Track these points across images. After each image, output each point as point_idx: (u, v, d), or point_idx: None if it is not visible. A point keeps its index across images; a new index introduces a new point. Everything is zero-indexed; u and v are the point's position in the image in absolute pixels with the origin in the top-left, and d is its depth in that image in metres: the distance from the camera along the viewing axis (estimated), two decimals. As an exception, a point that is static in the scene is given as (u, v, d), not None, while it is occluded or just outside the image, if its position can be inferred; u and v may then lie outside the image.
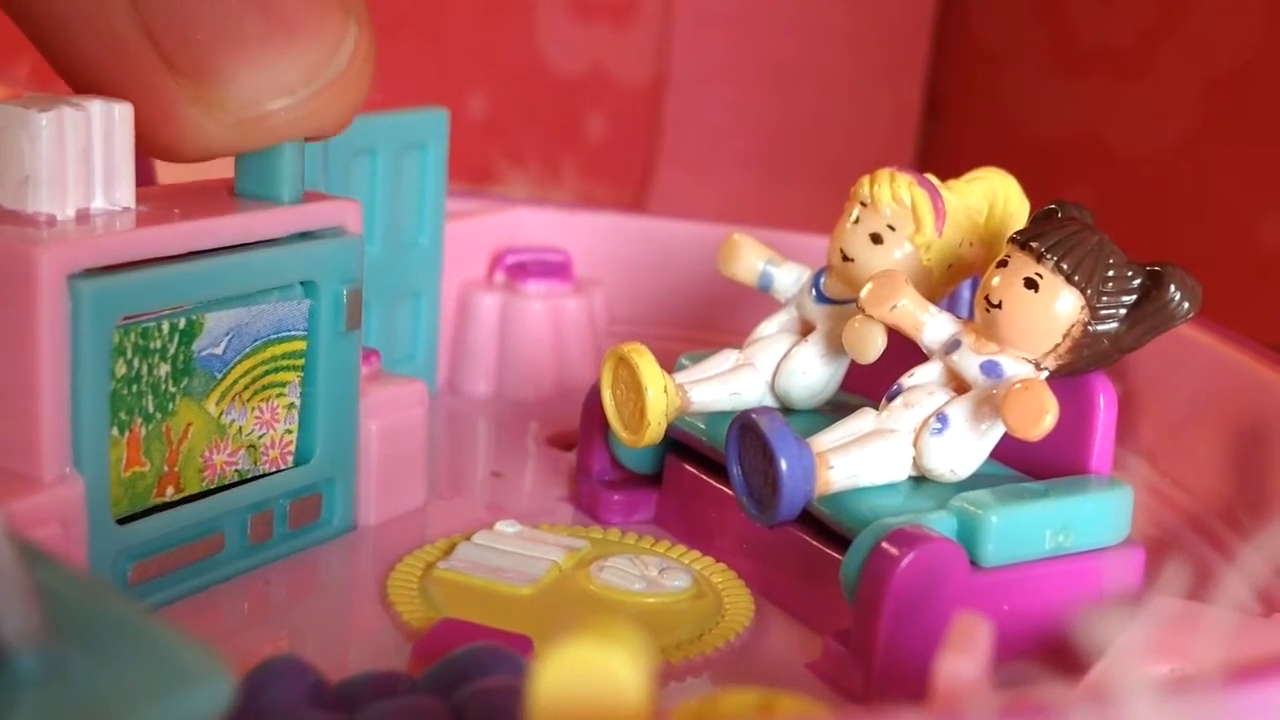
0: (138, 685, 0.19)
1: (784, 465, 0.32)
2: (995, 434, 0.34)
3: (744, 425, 0.34)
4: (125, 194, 0.32)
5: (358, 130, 0.42)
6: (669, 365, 0.38)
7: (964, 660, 0.23)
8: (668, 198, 0.95)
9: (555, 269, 0.50)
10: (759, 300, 0.40)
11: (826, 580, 0.33)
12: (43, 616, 0.20)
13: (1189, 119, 0.83)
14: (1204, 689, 0.21)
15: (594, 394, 0.39)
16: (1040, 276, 0.33)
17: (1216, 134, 0.82)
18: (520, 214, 0.52)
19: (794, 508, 0.33)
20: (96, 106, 0.31)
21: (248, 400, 0.34)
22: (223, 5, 0.32)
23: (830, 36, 0.95)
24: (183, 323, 0.32)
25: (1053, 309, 0.33)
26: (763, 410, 0.34)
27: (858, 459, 0.33)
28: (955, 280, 0.38)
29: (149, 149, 0.33)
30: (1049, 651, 0.32)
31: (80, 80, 0.32)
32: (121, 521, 0.31)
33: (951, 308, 0.37)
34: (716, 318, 0.51)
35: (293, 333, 0.35)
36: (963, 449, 0.33)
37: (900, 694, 0.31)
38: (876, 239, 0.36)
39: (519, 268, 0.50)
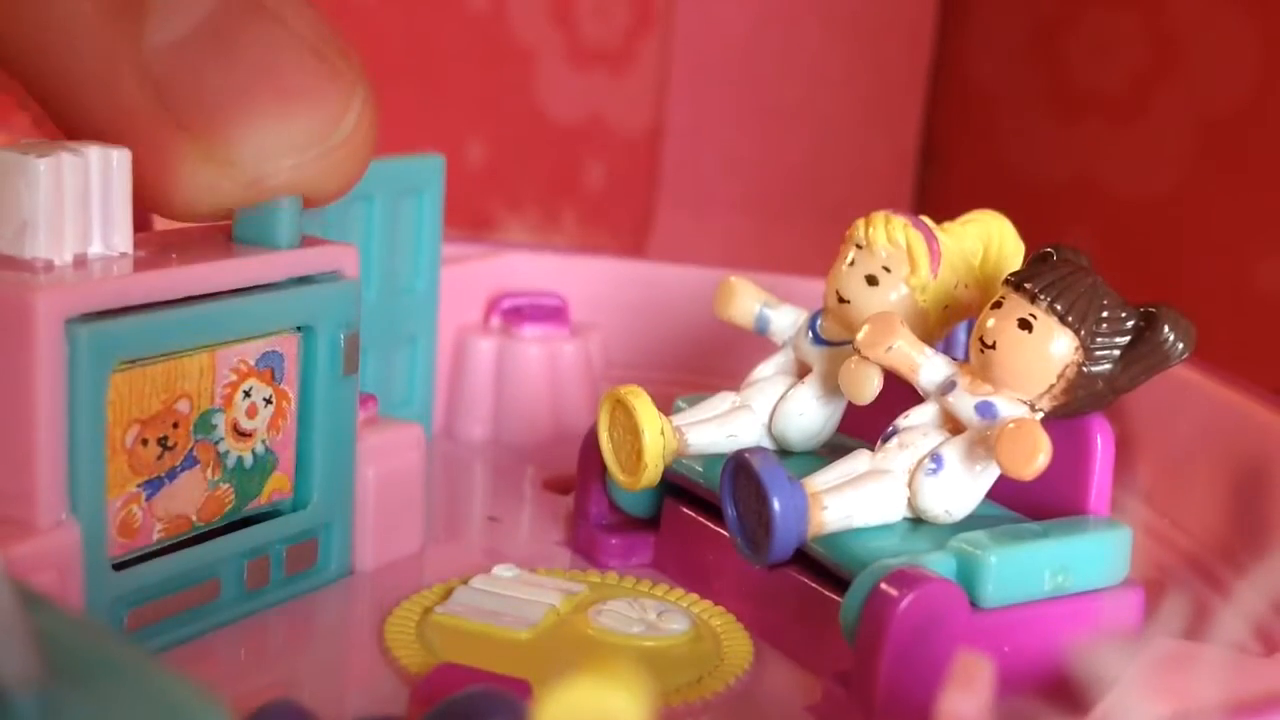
0: (133, 727, 0.19)
1: (776, 505, 0.32)
2: (990, 475, 0.34)
3: (737, 465, 0.34)
4: (123, 239, 0.32)
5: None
6: (666, 409, 0.38)
7: (967, 697, 0.23)
8: (667, 244, 0.95)
9: (551, 313, 0.50)
10: (755, 344, 0.40)
11: (826, 622, 0.33)
12: (40, 658, 0.20)
13: (1185, 162, 0.83)
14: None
15: (591, 437, 0.39)
16: (1034, 318, 0.33)
17: (1212, 177, 0.82)
18: (516, 258, 0.52)
19: (787, 548, 0.33)
20: (94, 152, 0.31)
21: None
22: (232, 70, 0.33)
23: (826, 83, 0.95)
24: None
25: (1047, 350, 0.33)
26: (756, 450, 0.34)
27: (852, 499, 0.33)
28: (951, 322, 0.38)
29: (163, 210, 0.33)
30: (1050, 692, 0.32)
31: (87, 140, 0.32)
32: (118, 568, 0.31)
33: (948, 351, 0.37)
34: (713, 361, 0.51)
35: None
36: (958, 490, 0.33)
37: (900, 736, 0.30)
38: (872, 281, 0.36)
39: (515, 312, 0.50)
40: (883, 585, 0.31)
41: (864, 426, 0.37)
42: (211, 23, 0.33)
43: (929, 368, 0.35)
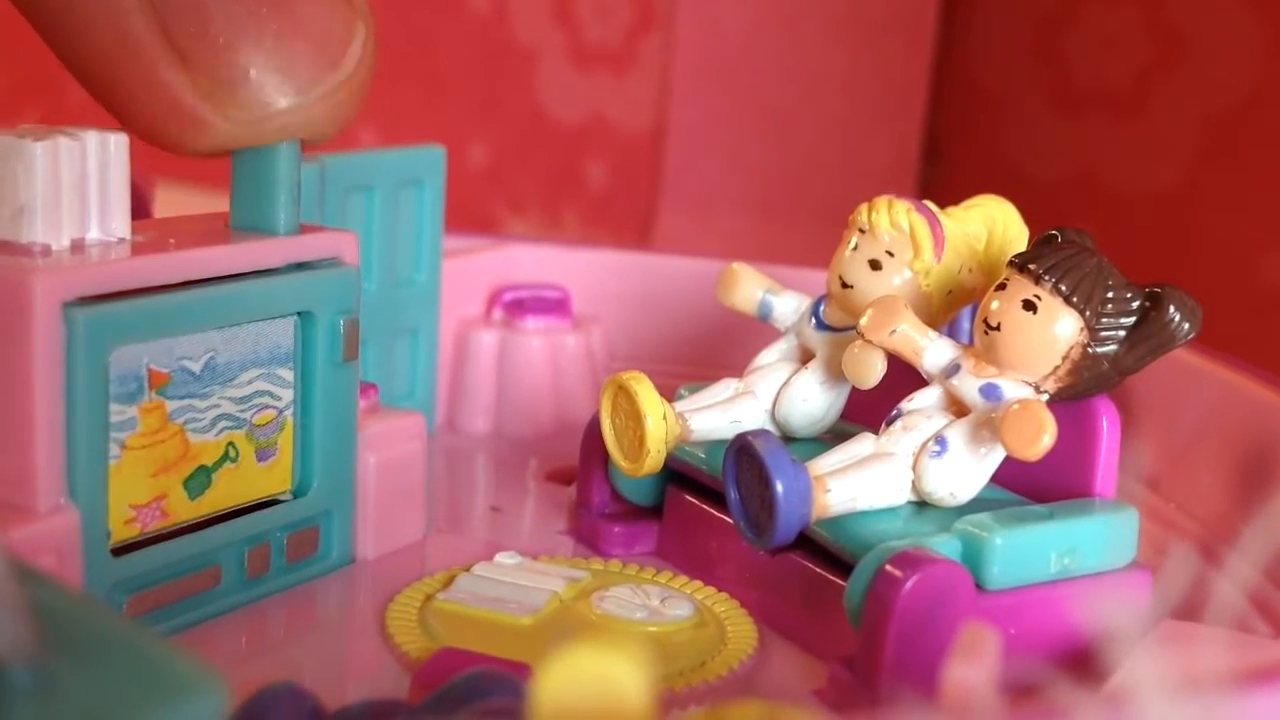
0: (131, 697, 0.19)
1: (779, 487, 0.32)
2: (995, 457, 0.33)
3: (740, 448, 0.33)
4: (120, 224, 0.32)
5: (354, 167, 0.42)
6: (668, 398, 0.37)
7: (972, 668, 0.23)
8: (669, 243, 0.95)
9: (553, 305, 0.50)
10: (757, 336, 0.40)
11: (830, 607, 0.33)
12: (35, 630, 0.20)
13: (1187, 157, 0.83)
14: (1219, 693, 0.21)
15: (594, 425, 0.38)
16: (1039, 298, 0.33)
17: (1214, 172, 0.82)
18: (517, 251, 0.52)
19: (790, 531, 0.33)
20: (92, 137, 0.31)
21: None
22: (240, 3, 0.32)
23: (828, 81, 0.95)
24: None
25: (1051, 331, 0.33)
26: (759, 432, 0.33)
27: (856, 482, 0.33)
28: (955, 307, 0.37)
29: (158, 142, 0.33)
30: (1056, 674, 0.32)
31: (90, 76, 0.32)
32: (117, 553, 0.31)
33: (951, 338, 0.37)
34: (715, 353, 0.51)
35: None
36: (962, 472, 0.33)
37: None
38: (875, 265, 0.36)
39: (517, 304, 0.49)
40: (887, 567, 0.31)
41: (868, 413, 0.37)
42: None
43: (933, 351, 0.35)
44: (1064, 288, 0.33)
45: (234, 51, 0.32)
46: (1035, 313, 0.33)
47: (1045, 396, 0.33)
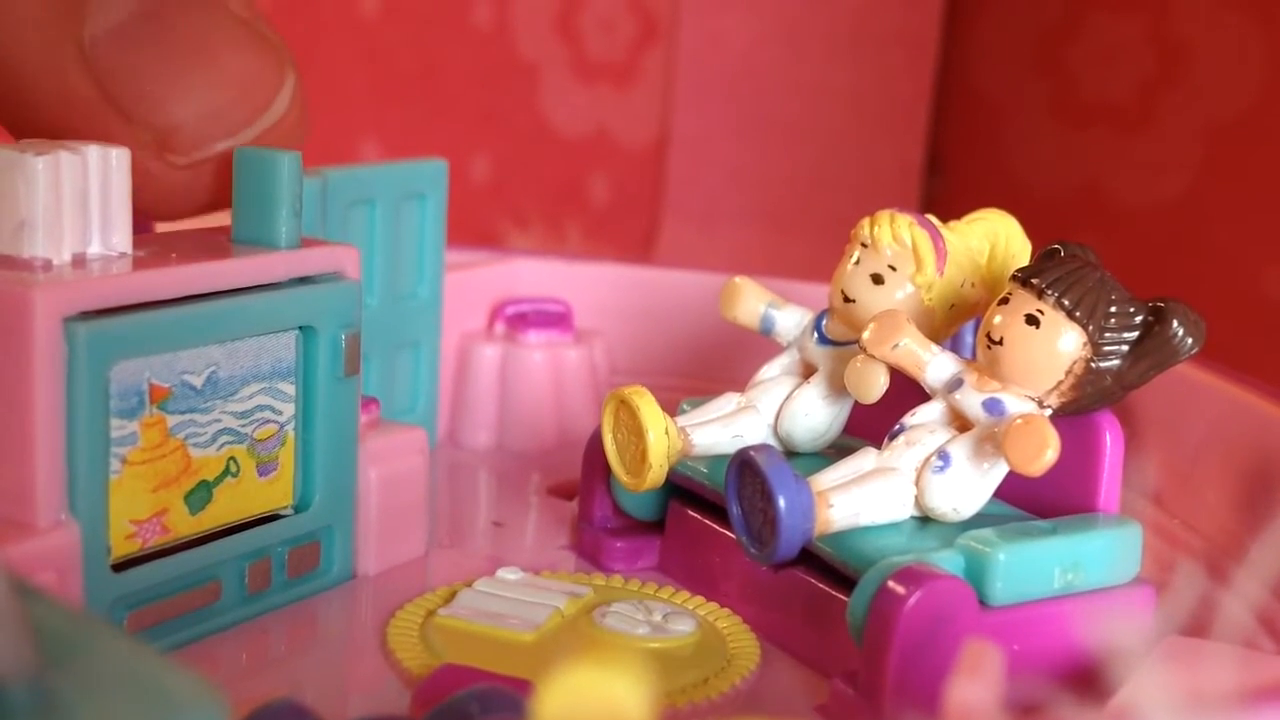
0: (130, 715, 0.19)
1: (782, 503, 0.32)
2: (998, 472, 0.33)
3: (743, 463, 0.33)
4: (122, 239, 0.32)
5: (356, 180, 0.42)
6: (671, 413, 0.37)
7: (975, 685, 0.22)
8: (673, 257, 0.95)
9: (555, 319, 0.50)
10: (760, 350, 0.40)
11: (833, 623, 0.33)
12: (33, 648, 0.20)
13: (1191, 170, 0.83)
14: (1225, 711, 0.20)
15: (596, 440, 0.38)
16: (1041, 313, 0.33)
17: (1218, 184, 0.82)
18: (520, 264, 0.52)
19: (793, 546, 0.32)
20: (93, 152, 0.31)
21: None
22: (169, 54, 0.34)
23: (831, 94, 0.95)
24: None
25: (1054, 346, 0.33)
26: (761, 447, 0.33)
27: (858, 497, 0.33)
28: (957, 321, 0.37)
29: None
30: (1061, 691, 0.32)
31: (35, 134, 0.33)
32: (118, 569, 0.31)
33: (954, 351, 0.37)
34: (717, 367, 0.51)
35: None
36: (965, 487, 0.33)
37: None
38: (877, 279, 0.36)
39: (519, 318, 0.49)
40: (890, 583, 0.30)
41: (870, 428, 0.37)
42: (149, 4, 0.34)
43: (936, 365, 0.34)
44: (1067, 302, 0.33)
45: (167, 101, 0.34)
46: (1038, 327, 0.33)
47: (1048, 411, 0.33)
